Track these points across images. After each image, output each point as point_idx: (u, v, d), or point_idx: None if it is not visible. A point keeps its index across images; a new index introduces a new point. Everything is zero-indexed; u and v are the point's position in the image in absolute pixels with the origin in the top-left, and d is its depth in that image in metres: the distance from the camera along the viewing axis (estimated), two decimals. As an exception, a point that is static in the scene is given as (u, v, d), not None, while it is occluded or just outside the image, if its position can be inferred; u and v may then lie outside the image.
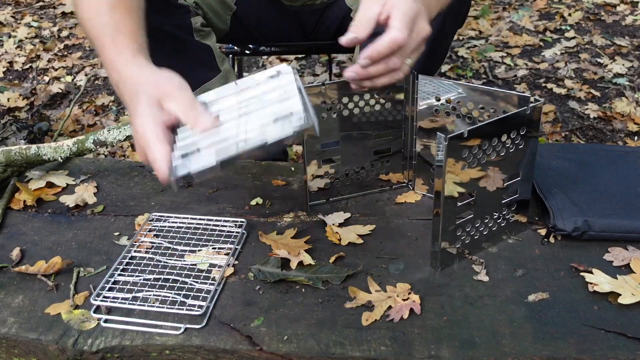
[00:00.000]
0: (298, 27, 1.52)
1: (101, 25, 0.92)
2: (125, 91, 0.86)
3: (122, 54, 0.88)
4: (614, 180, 1.09)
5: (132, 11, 0.95)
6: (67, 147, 1.17)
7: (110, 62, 0.89)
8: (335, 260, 0.97)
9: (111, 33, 0.90)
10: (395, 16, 0.82)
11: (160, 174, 0.78)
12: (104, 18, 0.92)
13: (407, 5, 0.83)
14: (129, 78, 0.86)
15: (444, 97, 1.05)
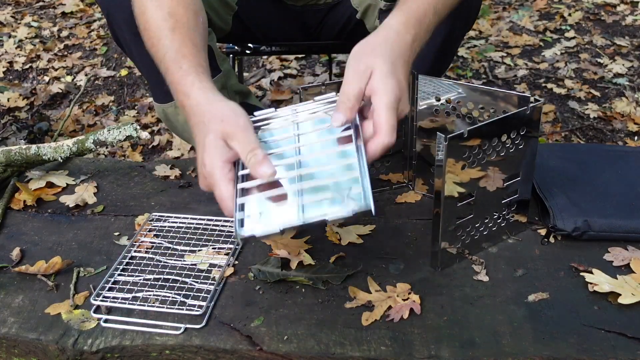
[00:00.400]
0: (300, 27, 1.52)
1: (164, 50, 0.92)
2: (193, 117, 0.87)
3: (188, 75, 0.89)
4: (614, 180, 1.09)
5: (193, 31, 0.95)
6: (67, 147, 1.17)
7: (176, 84, 0.89)
8: (335, 260, 0.97)
9: (173, 56, 0.91)
10: (380, 111, 0.81)
11: (226, 212, 0.80)
12: (166, 41, 0.92)
13: (391, 93, 0.81)
14: (197, 106, 0.86)
15: (444, 97, 1.05)
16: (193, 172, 1.22)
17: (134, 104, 2.35)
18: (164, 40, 0.93)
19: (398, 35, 0.89)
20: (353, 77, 0.83)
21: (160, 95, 1.33)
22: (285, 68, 2.59)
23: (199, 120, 0.85)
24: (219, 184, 0.80)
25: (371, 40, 0.88)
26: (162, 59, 0.93)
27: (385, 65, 0.83)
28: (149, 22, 0.96)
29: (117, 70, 2.60)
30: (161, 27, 0.94)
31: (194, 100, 0.87)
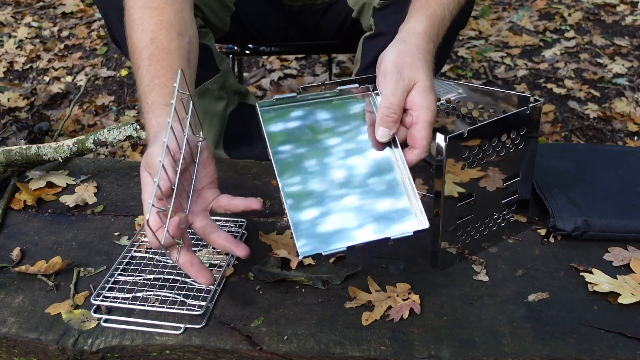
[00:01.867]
0: (298, 27, 1.52)
1: (140, 79, 0.93)
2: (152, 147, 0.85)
3: (148, 113, 0.90)
4: (614, 180, 1.09)
5: (173, 55, 0.94)
6: (67, 147, 1.17)
7: (145, 114, 0.91)
8: (335, 260, 0.97)
9: (144, 89, 0.92)
10: (421, 126, 0.84)
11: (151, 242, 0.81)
12: (143, 71, 0.93)
13: (432, 110, 0.84)
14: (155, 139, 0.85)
15: (444, 97, 1.05)
16: (193, 172, 1.22)
17: (134, 104, 2.35)
18: (141, 70, 0.93)
19: (427, 44, 0.91)
20: (396, 89, 0.85)
21: None
22: (285, 68, 2.59)
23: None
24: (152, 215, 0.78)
25: (406, 50, 0.88)
26: (139, 85, 0.94)
27: (427, 80, 0.85)
28: (134, 45, 0.96)
29: (117, 70, 2.60)
30: (142, 55, 0.94)
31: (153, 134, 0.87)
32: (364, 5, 1.31)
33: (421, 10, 0.94)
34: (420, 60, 0.87)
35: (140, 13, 0.96)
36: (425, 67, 0.87)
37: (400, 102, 0.84)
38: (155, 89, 0.91)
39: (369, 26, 1.28)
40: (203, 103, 1.31)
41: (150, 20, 0.95)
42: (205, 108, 1.32)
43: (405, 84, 0.85)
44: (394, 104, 0.84)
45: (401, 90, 0.85)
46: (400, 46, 0.89)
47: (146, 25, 0.95)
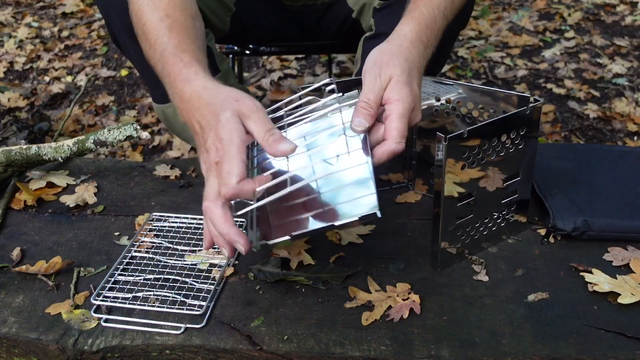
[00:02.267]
0: (298, 27, 1.52)
1: (162, 46, 0.90)
2: (197, 100, 0.82)
3: (191, 66, 0.86)
4: (613, 180, 1.09)
5: (191, 31, 0.94)
6: (68, 147, 1.18)
7: (176, 74, 0.86)
8: (335, 260, 0.97)
9: (174, 50, 0.89)
10: (392, 118, 0.83)
11: (227, 187, 0.75)
12: (164, 39, 0.91)
13: (404, 102, 0.84)
14: (204, 89, 0.83)
15: (444, 97, 1.05)
16: (193, 172, 1.22)
17: (134, 104, 2.35)
18: (162, 38, 0.91)
19: (412, 44, 0.91)
20: (373, 85, 0.85)
21: (159, 96, 1.33)
22: (285, 68, 2.59)
23: (208, 101, 0.81)
24: (233, 159, 0.76)
25: (387, 49, 0.89)
26: (160, 56, 0.91)
27: (402, 74, 0.85)
28: (146, 24, 0.95)
29: (117, 71, 2.60)
30: (158, 27, 0.93)
31: (199, 85, 0.84)
32: (364, 6, 1.31)
33: (409, 13, 0.95)
34: (398, 57, 0.87)
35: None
36: (404, 64, 0.87)
37: (377, 98, 0.84)
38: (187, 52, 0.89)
39: (369, 26, 1.28)
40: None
41: (162, 0, 0.95)
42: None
43: (381, 80, 0.85)
44: (370, 99, 0.84)
45: (378, 87, 0.85)
46: (383, 46, 0.91)
47: (158, 4, 0.95)
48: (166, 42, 0.91)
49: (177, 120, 1.34)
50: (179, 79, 0.86)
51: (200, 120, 0.81)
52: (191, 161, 1.27)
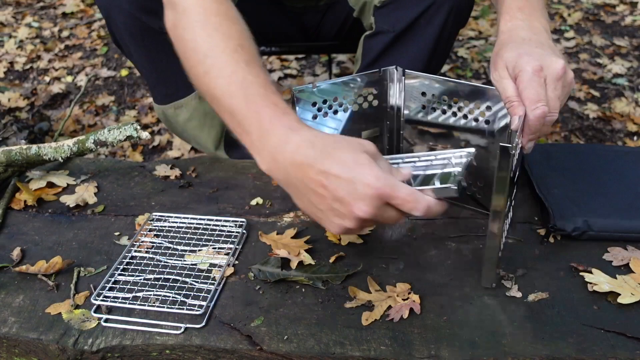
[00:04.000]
0: (300, 28, 1.52)
1: (244, 84, 0.83)
2: (314, 151, 0.77)
3: (290, 113, 0.82)
4: (614, 180, 1.09)
5: (264, 67, 0.88)
6: (68, 147, 1.18)
7: (274, 120, 0.81)
8: (335, 260, 0.97)
9: (263, 92, 0.83)
10: (523, 87, 0.85)
11: (422, 205, 0.76)
12: (246, 75, 0.84)
13: (528, 65, 0.84)
14: (317, 138, 0.79)
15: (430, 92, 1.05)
16: (193, 172, 1.23)
17: (134, 104, 2.35)
18: (240, 73, 0.84)
19: (549, 35, 0.93)
20: (501, 82, 0.89)
21: (159, 97, 1.33)
22: (285, 68, 2.59)
23: (328, 149, 0.78)
24: (403, 187, 0.76)
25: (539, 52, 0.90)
26: (242, 94, 0.83)
27: (513, 51, 0.89)
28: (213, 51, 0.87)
29: (117, 71, 2.60)
30: (234, 59, 0.86)
31: (309, 134, 0.80)
32: (364, 4, 1.31)
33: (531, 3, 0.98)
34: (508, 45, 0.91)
35: (218, 19, 0.90)
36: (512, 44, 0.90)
37: (512, 89, 0.86)
38: (277, 94, 0.84)
39: (370, 25, 1.29)
40: (204, 104, 1.32)
41: (232, 27, 0.90)
42: (206, 109, 1.32)
43: (505, 73, 0.88)
44: (507, 96, 0.87)
45: (506, 80, 0.88)
46: (536, 51, 0.91)
47: (228, 31, 0.89)
48: (250, 80, 0.84)
49: (177, 120, 1.34)
50: (279, 127, 0.80)
51: (329, 168, 0.76)
52: (191, 161, 1.27)
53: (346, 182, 0.75)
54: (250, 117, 0.82)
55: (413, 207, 0.76)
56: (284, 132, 0.80)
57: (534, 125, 0.85)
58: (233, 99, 0.84)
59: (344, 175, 0.75)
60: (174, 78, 1.29)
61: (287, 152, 0.79)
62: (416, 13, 1.18)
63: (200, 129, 1.35)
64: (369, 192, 0.75)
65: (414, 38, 1.21)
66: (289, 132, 0.79)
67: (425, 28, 1.19)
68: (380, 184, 0.75)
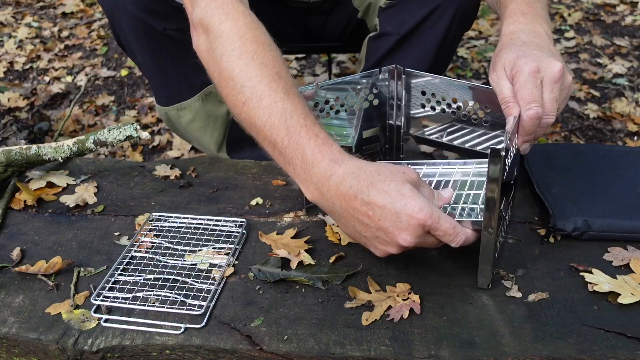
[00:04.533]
0: (303, 28, 1.52)
1: (284, 114, 0.84)
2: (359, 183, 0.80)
3: (332, 144, 0.83)
4: (614, 180, 1.09)
5: (301, 95, 0.88)
6: (68, 147, 1.18)
7: (316, 153, 0.82)
8: (335, 260, 0.97)
9: (304, 122, 0.84)
10: (518, 88, 0.86)
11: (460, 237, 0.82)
12: (285, 105, 0.84)
13: (525, 67, 0.85)
14: (361, 169, 0.82)
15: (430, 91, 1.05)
16: (193, 172, 1.22)
17: (134, 104, 2.35)
18: (280, 103, 0.84)
19: (551, 40, 0.95)
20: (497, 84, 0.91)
21: (162, 98, 1.33)
22: (285, 68, 2.59)
23: (372, 180, 0.81)
24: (446, 219, 0.81)
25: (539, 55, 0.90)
26: (283, 124, 0.84)
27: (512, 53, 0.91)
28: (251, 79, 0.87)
29: (117, 70, 2.60)
30: (272, 87, 0.85)
31: (353, 165, 0.82)
32: (369, 6, 1.31)
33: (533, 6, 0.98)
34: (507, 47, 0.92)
35: (254, 46, 0.89)
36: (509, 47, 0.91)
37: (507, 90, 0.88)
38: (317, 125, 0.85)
39: (374, 26, 1.28)
40: (207, 106, 1.32)
41: (267, 54, 0.89)
42: (208, 111, 1.32)
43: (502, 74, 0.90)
44: (503, 97, 0.88)
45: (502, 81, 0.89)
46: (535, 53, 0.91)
47: (265, 59, 0.88)
48: (290, 110, 0.84)
49: (180, 122, 1.34)
50: (321, 159, 0.82)
51: (373, 199, 0.80)
52: (191, 161, 1.27)
53: (390, 212, 0.79)
54: (292, 149, 0.84)
55: (452, 240, 0.82)
56: (327, 165, 0.82)
57: (528, 126, 0.86)
58: (274, 129, 0.84)
59: (388, 206, 0.79)
60: (177, 80, 1.29)
61: (332, 184, 0.81)
62: (421, 16, 1.18)
63: (202, 131, 1.35)
64: (412, 222, 0.79)
65: (418, 41, 1.21)
66: (332, 165, 0.82)
67: (430, 31, 1.19)
68: (423, 215, 0.79)
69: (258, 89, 0.86)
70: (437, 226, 0.80)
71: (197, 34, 0.95)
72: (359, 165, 0.82)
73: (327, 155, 0.82)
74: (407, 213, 0.79)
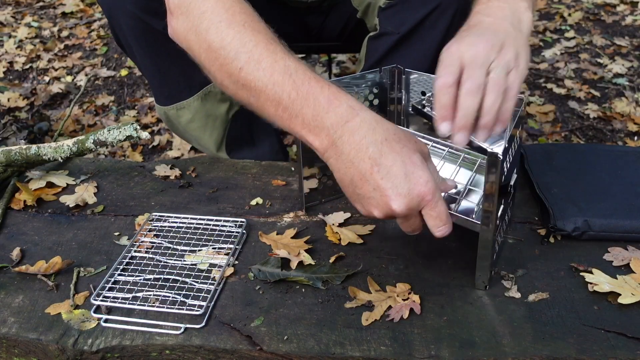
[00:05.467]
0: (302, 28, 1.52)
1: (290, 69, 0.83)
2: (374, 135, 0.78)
3: (346, 94, 0.81)
4: (614, 180, 1.09)
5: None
6: (67, 147, 1.17)
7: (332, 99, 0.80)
8: (335, 260, 0.97)
9: (311, 74, 0.83)
10: None
11: (445, 222, 0.80)
12: (288, 62, 0.84)
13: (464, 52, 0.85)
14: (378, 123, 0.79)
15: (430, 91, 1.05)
16: (193, 172, 1.22)
17: (134, 104, 2.35)
18: (283, 61, 0.84)
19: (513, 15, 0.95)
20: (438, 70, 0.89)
21: (162, 98, 1.33)
22: (285, 68, 2.59)
23: (388, 136, 0.78)
24: (443, 202, 0.79)
25: None
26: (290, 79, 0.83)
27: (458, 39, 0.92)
28: (247, 45, 0.86)
29: (117, 70, 2.60)
30: (270, 48, 0.85)
31: (370, 115, 0.80)
32: (368, 5, 1.31)
33: None
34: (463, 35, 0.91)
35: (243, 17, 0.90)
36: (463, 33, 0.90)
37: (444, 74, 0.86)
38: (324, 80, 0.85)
39: (374, 26, 1.28)
40: (206, 105, 1.31)
41: (258, 24, 0.91)
42: (208, 110, 1.32)
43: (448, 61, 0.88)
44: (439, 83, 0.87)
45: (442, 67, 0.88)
46: None
47: (252, 24, 0.89)
48: (293, 66, 0.83)
49: (179, 121, 1.34)
50: (338, 104, 0.80)
51: (385, 155, 0.77)
52: (191, 161, 1.27)
53: (395, 175, 0.76)
54: (301, 101, 0.81)
55: (440, 227, 0.80)
56: (345, 110, 0.79)
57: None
58: (277, 86, 0.82)
59: (396, 167, 0.76)
60: (176, 79, 1.28)
61: (347, 129, 0.79)
62: (421, 15, 1.18)
63: (202, 131, 1.35)
64: (414, 192, 0.76)
65: (418, 40, 1.21)
66: (350, 110, 0.79)
67: (430, 31, 1.19)
68: (427, 188, 0.76)
69: (255, 53, 0.84)
70: (434, 205, 0.77)
71: (175, 17, 0.93)
72: (377, 119, 0.80)
73: (345, 101, 0.80)
74: (413, 181, 0.76)
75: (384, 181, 0.77)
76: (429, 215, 0.79)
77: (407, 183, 0.76)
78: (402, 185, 0.76)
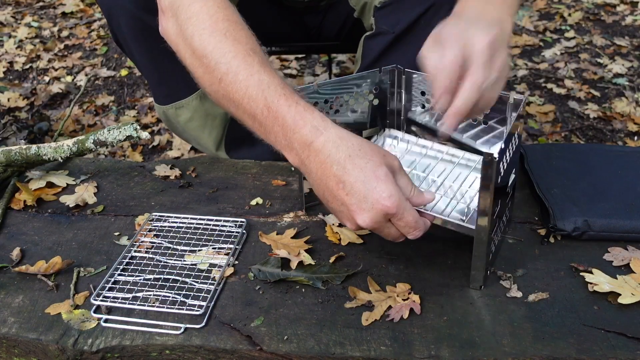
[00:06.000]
0: (300, 27, 1.52)
1: (262, 85, 0.84)
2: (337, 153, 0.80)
3: (313, 111, 0.83)
4: (614, 180, 1.09)
5: (274, 67, 0.89)
6: (67, 147, 1.17)
7: (297, 119, 0.82)
8: (335, 260, 0.97)
9: (282, 91, 0.83)
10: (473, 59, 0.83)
11: (419, 231, 0.83)
12: (262, 77, 0.84)
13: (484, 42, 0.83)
14: (341, 139, 0.81)
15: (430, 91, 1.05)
16: (193, 172, 1.22)
17: (134, 104, 2.35)
18: (257, 75, 0.85)
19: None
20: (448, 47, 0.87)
21: (160, 97, 1.33)
22: (285, 68, 2.59)
23: (351, 153, 0.80)
24: (411, 212, 0.81)
25: None
26: (261, 95, 0.84)
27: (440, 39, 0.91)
28: (225, 57, 0.87)
29: (117, 70, 2.60)
30: (247, 62, 0.86)
31: (334, 134, 0.82)
32: (365, 5, 1.31)
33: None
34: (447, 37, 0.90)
35: (226, 24, 0.89)
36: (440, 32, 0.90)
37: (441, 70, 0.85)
38: (295, 94, 0.85)
39: (370, 25, 1.29)
40: (205, 104, 1.32)
41: (240, 32, 0.90)
42: (207, 110, 1.32)
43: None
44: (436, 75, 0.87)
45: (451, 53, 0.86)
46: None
47: (237, 36, 0.89)
48: (267, 81, 0.84)
49: (178, 121, 1.34)
50: (303, 125, 0.82)
51: (348, 173, 0.79)
52: (191, 161, 1.27)
53: (358, 191, 0.79)
54: (272, 118, 0.83)
55: (411, 233, 0.83)
56: (309, 131, 0.82)
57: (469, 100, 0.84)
58: (252, 101, 0.85)
59: (358, 184, 0.79)
60: (175, 78, 1.29)
61: (312, 150, 0.82)
62: (416, 14, 1.18)
63: (201, 130, 1.35)
64: (377, 207, 0.79)
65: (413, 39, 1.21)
66: (314, 131, 0.82)
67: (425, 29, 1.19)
68: (390, 202, 0.78)
69: (233, 64, 0.86)
70: (400, 216, 0.80)
71: (166, 18, 0.95)
72: (342, 135, 0.82)
73: (309, 122, 0.82)
74: (375, 197, 0.78)
75: (349, 197, 0.80)
76: (398, 224, 0.82)
77: (369, 198, 0.79)
78: (364, 200, 0.79)
